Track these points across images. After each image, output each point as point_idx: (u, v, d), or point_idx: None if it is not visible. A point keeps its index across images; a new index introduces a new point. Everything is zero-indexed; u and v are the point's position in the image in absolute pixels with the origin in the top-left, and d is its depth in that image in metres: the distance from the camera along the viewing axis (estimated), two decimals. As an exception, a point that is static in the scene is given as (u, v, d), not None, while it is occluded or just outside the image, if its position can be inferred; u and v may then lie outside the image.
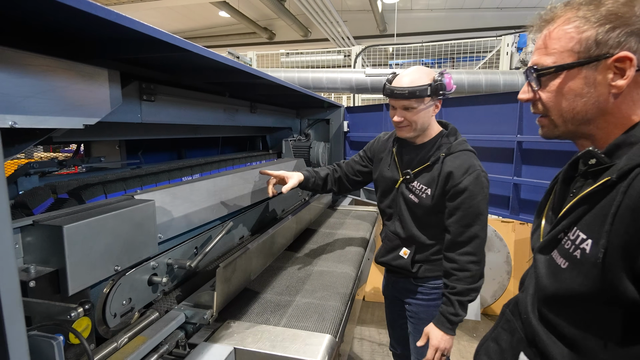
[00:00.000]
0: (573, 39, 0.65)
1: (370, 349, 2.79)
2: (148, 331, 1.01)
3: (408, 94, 1.29)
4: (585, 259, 0.59)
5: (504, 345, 0.79)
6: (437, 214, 1.36)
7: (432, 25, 8.45)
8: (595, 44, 0.63)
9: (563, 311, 0.64)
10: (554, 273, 0.65)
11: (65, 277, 0.79)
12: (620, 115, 0.64)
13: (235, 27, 9.85)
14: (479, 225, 1.29)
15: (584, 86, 0.65)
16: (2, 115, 0.73)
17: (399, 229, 1.47)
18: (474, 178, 1.28)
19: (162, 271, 1.14)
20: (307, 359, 0.96)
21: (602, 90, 0.64)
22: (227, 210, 1.54)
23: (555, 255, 0.66)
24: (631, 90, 0.63)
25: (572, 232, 0.64)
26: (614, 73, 0.62)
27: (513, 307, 0.80)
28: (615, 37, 0.61)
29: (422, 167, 1.38)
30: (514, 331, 0.77)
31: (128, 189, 1.27)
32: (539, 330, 0.69)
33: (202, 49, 1.00)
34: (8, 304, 0.50)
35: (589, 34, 0.63)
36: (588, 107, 0.66)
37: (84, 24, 0.76)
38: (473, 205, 1.28)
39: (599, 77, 0.63)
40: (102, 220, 0.88)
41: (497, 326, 0.84)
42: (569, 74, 0.66)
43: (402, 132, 1.40)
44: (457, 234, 1.30)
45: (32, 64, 0.79)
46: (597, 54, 0.63)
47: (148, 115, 1.26)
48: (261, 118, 2.29)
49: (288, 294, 1.33)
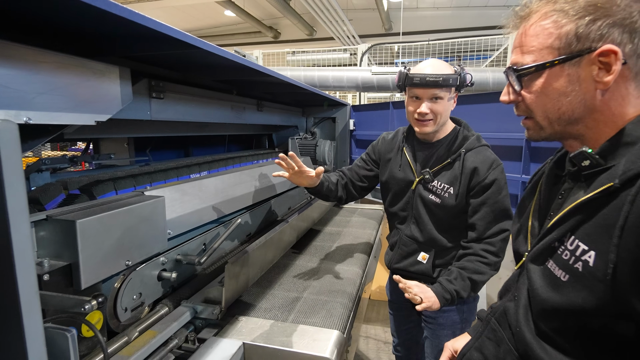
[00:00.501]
0: (552, 34, 0.60)
1: (376, 347, 2.80)
2: (158, 326, 1.02)
3: (442, 81, 1.22)
4: (588, 273, 0.55)
5: (489, 356, 0.76)
6: (460, 214, 1.31)
7: (438, 23, 8.42)
8: (576, 38, 0.58)
9: (564, 325, 0.61)
10: (554, 286, 0.61)
11: (78, 271, 0.80)
12: (609, 112, 0.60)
13: (241, 26, 9.89)
14: (504, 220, 1.26)
15: (567, 84, 0.61)
16: (17, 111, 0.75)
17: (416, 233, 1.40)
18: (500, 172, 1.25)
19: (172, 267, 1.15)
20: (316, 354, 0.96)
21: (587, 87, 0.59)
22: (235, 208, 1.55)
23: (552, 266, 0.62)
24: (619, 85, 0.58)
25: (569, 241, 0.59)
26: (598, 68, 0.58)
27: (500, 317, 0.76)
28: (596, 30, 0.56)
29: (442, 165, 1.32)
30: (500, 341, 0.74)
31: (138, 186, 1.29)
32: (534, 344, 0.64)
33: (212, 46, 1.01)
34: (26, 297, 0.52)
35: (569, 28, 0.58)
36: (574, 106, 0.61)
37: (98, 21, 0.77)
38: (499, 200, 1.24)
39: (583, 73, 0.59)
40: (114, 216, 0.89)
41: (480, 335, 0.80)
42: (551, 72, 0.62)
43: (425, 128, 1.31)
44: (482, 230, 1.26)
45: (45, 61, 0.80)
46: (578, 49, 0.58)
47: (157, 112, 1.27)
48: (268, 116, 2.30)
49: (295, 290, 1.34)
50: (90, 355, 0.85)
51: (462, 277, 1.25)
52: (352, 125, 3.01)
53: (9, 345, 0.53)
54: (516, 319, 0.69)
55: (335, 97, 2.86)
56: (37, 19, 0.79)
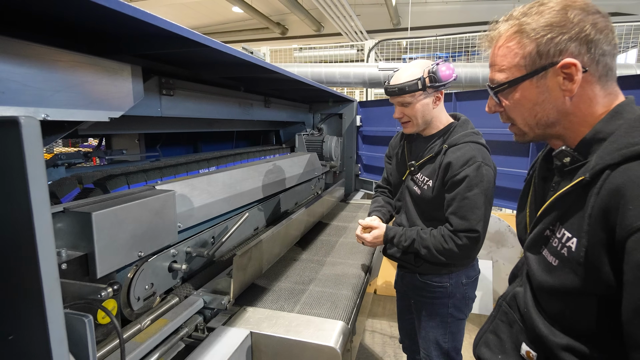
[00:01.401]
0: (517, 54, 0.69)
1: (382, 341, 2.82)
2: (169, 314, 1.06)
3: (398, 91, 1.31)
4: (571, 257, 0.63)
5: (504, 337, 0.81)
6: (440, 207, 1.34)
7: (447, 18, 8.31)
8: (538, 55, 0.66)
9: (560, 303, 0.68)
10: (547, 271, 0.68)
11: (94, 261, 0.84)
12: (581, 113, 0.67)
13: (248, 22, 9.89)
14: (474, 218, 1.23)
15: (539, 94, 0.69)
16: (36, 108, 0.78)
17: (404, 221, 1.47)
18: (473, 170, 1.23)
19: (182, 259, 1.19)
20: (321, 343, 0.99)
21: (556, 95, 0.67)
22: (243, 202, 1.58)
23: (546, 253, 0.69)
24: (585, 89, 0.65)
25: (558, 230, 0.67)
26: (563, 78, 0.65)
27: (510, 300, 0.82)
28: (555, 46, 0.64)
29: (426, 159, 1.38)
30: (512, 323, 0.80)
31: (149, 180, 1.33)
32: (539, 322, 0.71)
33: (221, 44, 1.04)
34: (48, 283, 0.55)
35: (530, 48, 0.67)
36: (548, 112, 0.69)
37: (111, 21, 0.80)
38: (468, 197, 1.23)
39: (550, 83, 0.67)
40: (127, 209, 0.93)
41: (494, 318, 0.86)
42: (522, 86, 0.70)
43: (406, 128, 1.41)
44: (452, 224, 1.26)
45: (61, 59, 0.83)
46: (542, 65, 0.66)
47: (167, 109, 1.30)
48: (275, 112, 2.32)
49: (301, 282, 1.37)
50: (105, 341, 0.90)
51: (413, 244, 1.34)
52: (359, 122, 3.02)
53: (32, 328, 0.56)
54: (525, 302, 0.76)
55: (342, 93, 2.87)
56: (53, 19, 0.82)
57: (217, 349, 0.98)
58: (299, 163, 2.26)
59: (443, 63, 1.30)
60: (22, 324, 0.57)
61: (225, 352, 0.97)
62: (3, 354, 0.58)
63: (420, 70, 1.30)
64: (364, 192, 3.17)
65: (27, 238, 0.52)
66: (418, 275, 1.46)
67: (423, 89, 1.30)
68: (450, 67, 1.31)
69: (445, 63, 1.31)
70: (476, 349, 0.89)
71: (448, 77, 1.29)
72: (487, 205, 1.26)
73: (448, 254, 1.28)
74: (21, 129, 0.50)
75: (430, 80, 1.28)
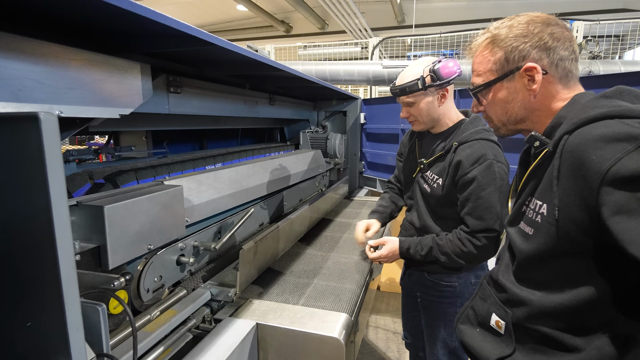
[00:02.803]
0: (490, 61, 0.82)
1: (385, 337, 2.85)
2: (177, 306, 1.09)
3: (399, 92, 1.32)
4: (544, 221, 0.71)
5: (479, 311, 0.91)
6: (451, 205, 1.33)
7: (452, 15, 8.27)
8: (506, 61, 0.79)
9: (535, 268, 0.76)
10: (525, 239, 0.77)
11: (106, 252, 0.87)
12: (546, 108, 0.79)
13: (253, 20, 9.92)
14: (490, 217, 1.21)
15: (509, 94, 0.81)
16: (50, 105, 0.81)
17: (414, 219, 1.47)
18: (485, 168, 1.21)
19: (189, 252, 1.22)
20: (325, 334, 1.02)
21: (523, 95, 0.79)
22: (248, 198, 1.61)
23: (523, 225, 0.78)
24: (547, 89, 0.77)
25: (531, 202, 0.76)
26: (527, 80, 0.77)
27: (488, 279, 0.92)
28: (519, 53, 0.77)
29: (436, 156, 1.36)
30: (487, 297, 0.89)
31: (157, 176, 1.36)
32: (508, 285, 0.81)
33: (227, 42, 1.06)
34: (65, 271, 0.58)
35: (500, 55, 0.80)
36: (517, 110, 0.81)
37: (122, 20, 0.82)
38: (482, 196, 1.21)
39: (517, 85, 0.79)
40: (137, 203, 0.96)
41: (475, 295, 0.95)
42: (495, 88, 0.83)
43: (414, 126, 1.42)
44: (469, 225, 1.25)
45: (74, 58, 0.86)
46: (509, 69, 0.79)
47: (175, 106, 1.33)
48: (280, 110, 2.35)
49: (306, 276, 1.40)
50: (117, 331, 0.93)
51: (431, 253, 1.32)
52: (363, 119, 3.04)
53: (50, 316, 0.59)
54: (497, 273, 0.87)
55: (346, 91, 2.88)
56: (66, 19, 0.84)
57: (224, 340, 1.01)
58: (303, 160, 2.29)
59: (446, 60, 1.28)
60: (39, 311, 0.59)
61: (232, 342, 1.00)
62: (21, 340, 0.61)
63: (422, 70, 1.29)
64: (368, 190, 3.19)
65: (46, 228, 0.55)
66: (426, 273, 1.45)
67: (423, 89, 1.28)
68: (456, 63, 1.28)
69: (449, 59, 1.28)
70: (457, 324, 0.98)
71: (451, 74, 1.27)
72: (503, 202, 1.22)
73: (468, 257, 1.26)
74: (41, 124, 0.53)
75: (431, 79, 1.27)
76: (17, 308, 0.60)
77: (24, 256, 0.58)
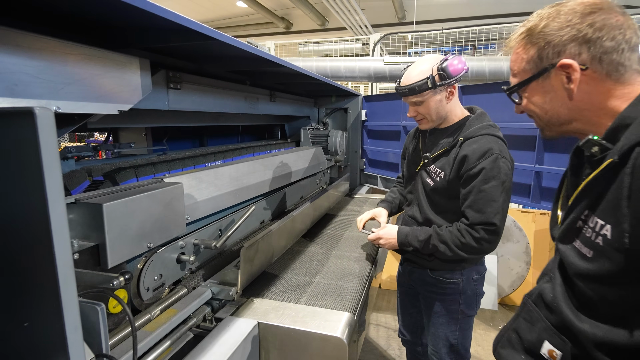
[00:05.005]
0: (523, 59, 0.75)
1: (386, 334, 2.84)
2: (178, 305, 1.08)
3: (408, 92, 1.31)
4: (608, 245, 0.61)
5: (524, 335, 0.81)
6: (453, 199, 1.34)
7: (453, 11, 8.22)
8: (539, 59, 0.72)
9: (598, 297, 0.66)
10: (583, 261, 0.68)
11: (105, 251, 0.85)
12: (596, 108, 0.69)
13: (253, 17, 9.86)
14: (491, 211, 1.21)
15: (545, 94, 0.74)
16: (47, 100, 0.79)
17: (416, 213, 1.47)
18: (490, 162, 1.22)
19: (190, 250, 1.20)
20: (328, 333, 1.00)
21: (562, 94, 0.71)
22: (249, 195, 1.59)
23: (579, 245, 0.68)
24: (592, 85, 0.68)
25: (591, 220, 0.66)
26: (566, 77, 0.69)
27: (536, 299, 0.81)
28: (552, 49, 0.69)
29: (441, 151, 1.37)
30: (535, 321, 0.79)
31: (157, 173, 1.34)
32: (570, 315, 0.70)
33: (228, 37, 1.04)
34: (63, 271, 0.56)
35: (532, 52, 0.73)
36: (558, 110, 0.73)
37: (122, 13, 0.80)
38: (485, 189, 1.22)
39: (554, 83, 0.71)
40: (137, 200, 0.94)
41: (517, 317, 0.85)
42: (531, 87, 0.76)
43: (422, 125, 1.43)
44: (469, 218, 1.25)
45: (71, 53, 0.84)
46: (543, 67, 0.72)
47: (174, 102, 1.31)
48: (280, 107, 2.33)
49: (307, 275, 1.38)
50: (116, 330, 0.91)
51: (430, 241, 1.33)
52: (364, 116, 3.02)
53: (47, 316, 0.57)
54: (553, 295, 0.76)
55: (347, 87, 2.86)
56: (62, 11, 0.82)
57: (225, 339, 0.99)
58: (304, 157, 2.27)
59: (453, 57, 1.28)
60: (37, 311, 0.58)
61: (233, 341, 0.98)
62: (18, 340, 0.59)
63: (430, 68, 1.28)
64: (369, 187, 3.17)
65: (42, 226, 0.53)
66: (429, 270, 1.45)
67: (433, 88, 1.28)
68: (462, 60, 1.28)
69: (456, 56, 1.28)
70: (497, 347, 0.88)
71: (459, 71, 1.27)
72: (505, 198, 1.24)
73: (466, 248, 1.26)
74: (36, 119, 0.51)
75: (440, 77, 1.27)
76: (14, 308, 0.58)
77: (21, 255, 0.56)
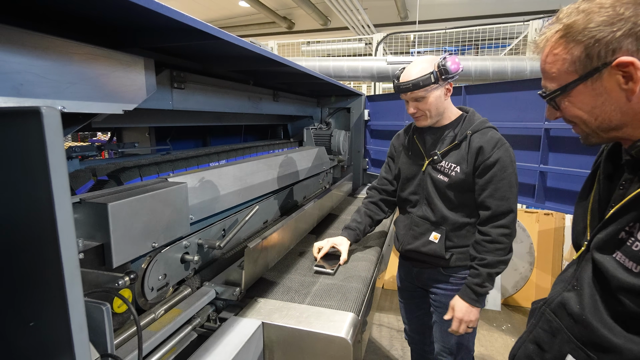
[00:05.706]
0: (566, 60, 0.66)
1: (389, 335, 2.84)
2: (182, 305, 1.07)
3: (412, 86, 1.35)
4: None
5: (544, 347, 0.77)
6: (467, 192, 1.39)
7: (456, 11, 8.19)
8: (588, 58, 0.62)
9: None
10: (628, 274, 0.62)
11: (110, 251, 0.85)
12: None
13: (255, 16, 9.86)
14: (512, 197, 1.31)
15: (596, 97, 0.65)
16: (53, 100, 0.79)
17: (428, 213, 1.47)
18: (504, 151, 1.31)
19: (194, 250, 1.20)
20: (332, 333, 1.00)
21: (617, 96, 0.63)
22: (253, 195, 1.59)
23: (622, 258, 0.63)
24: None
25: (638, 232, 0.61)
26: (623, 77, 0.60)
27: (556, 308, 0.76)
28: (605, 46, 0.60)
29: (449, 146, 1.41)
30: (556, 332, 0.74)
31: (161, 173, 1.34)
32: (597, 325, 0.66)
33: (233, 36, 1.04)
34: (69, 270, 0.56)
35: (578, 51, 0.63)
36: (610, 114, 0.65)
37: (127, 13, 0.80)
38: (505, 177, 1.31)
39: (608, 84, 0.63)
40: (141, 200, 0.94)
41: (534, 327, 0.81)
42: (577, 90, 0.66)
43: (420, 122, 1.44)
44: (493, 208, 1.33)
45: (77, 52, 0.84)
46: (594, 67, 0.62)
47: (178, 102, 1.31)
48: (283, 106, 2.32)
49: (311, 275, 1.38)
50: (121, 330, 0.91)
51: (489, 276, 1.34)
52: (367, 116, 3.01)
53: (53, 315, 0.57)
54: (581, 308, 0.70)
55: (350, 87, 2.86)
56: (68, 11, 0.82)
57: (230, 339, 0.99)
58: (307, 157, 2.26)
59: (450, 56, 1.35)
60: (42, 310, 0.58)
61: (237, 342, 0.98)
62: (24, 340, 0.59)
63: (430, 65, 1.35)
64: (372, 187, 3.16)
65: (48, 225, 0.53)
66: (442, 268, 1.49)
67: (436, 82, 1.34)
68: (456, 60, 1.35)
69: (451, 56, 1.36)
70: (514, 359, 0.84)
71: (458, 68, 1.34)
72: (517, 185, 1.34)
73: (506, 247, 1.33)
74: (43, 119, 0.51)
75: (441, 73, 1.33)
76: (19, 307, 0.58)
77: (27, 254, 0.56)
